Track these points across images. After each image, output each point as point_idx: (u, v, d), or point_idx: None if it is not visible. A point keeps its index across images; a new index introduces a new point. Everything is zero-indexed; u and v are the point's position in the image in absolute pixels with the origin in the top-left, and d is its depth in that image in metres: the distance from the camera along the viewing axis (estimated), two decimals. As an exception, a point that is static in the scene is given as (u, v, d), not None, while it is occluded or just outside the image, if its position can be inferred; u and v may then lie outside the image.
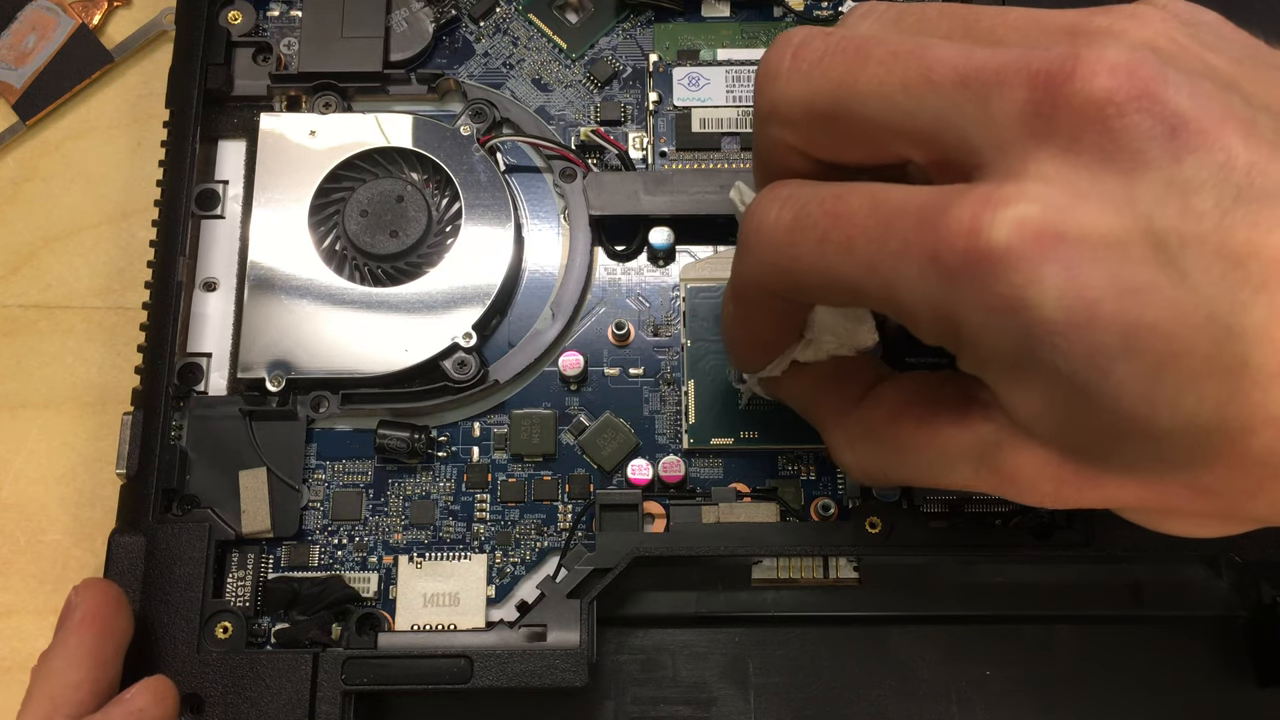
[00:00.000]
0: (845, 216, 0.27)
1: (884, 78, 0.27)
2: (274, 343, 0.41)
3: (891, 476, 0.33)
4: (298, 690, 0.37)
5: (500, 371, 0.42)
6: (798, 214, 0.28)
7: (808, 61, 0.28)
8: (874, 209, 0.27)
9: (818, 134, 0.29)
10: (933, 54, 0.27)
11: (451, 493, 0.41)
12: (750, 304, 0.32)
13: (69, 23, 0.50)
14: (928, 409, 0.31)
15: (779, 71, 0.29)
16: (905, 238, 0.26)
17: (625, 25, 0.47)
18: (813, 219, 0.28)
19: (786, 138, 0.30)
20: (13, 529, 0.44)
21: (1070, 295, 0.24)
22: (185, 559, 0.39)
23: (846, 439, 0.34)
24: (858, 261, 0.27)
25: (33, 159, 0.49)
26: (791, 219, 0.28)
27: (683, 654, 0.41)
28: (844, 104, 0.28)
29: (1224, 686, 0.41)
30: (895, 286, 0.26)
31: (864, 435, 0.33)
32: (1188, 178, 0.24)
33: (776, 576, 0.40)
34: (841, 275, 0.28)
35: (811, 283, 0.29)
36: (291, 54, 0.45)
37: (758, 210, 0.29)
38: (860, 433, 0.33)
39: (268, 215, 0.42)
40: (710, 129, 0.44)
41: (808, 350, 0.34)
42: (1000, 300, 0.25)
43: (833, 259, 0.27)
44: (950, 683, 0.41)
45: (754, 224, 0.29)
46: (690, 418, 0.41)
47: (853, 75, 0.28)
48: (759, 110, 0.30)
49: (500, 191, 0.43)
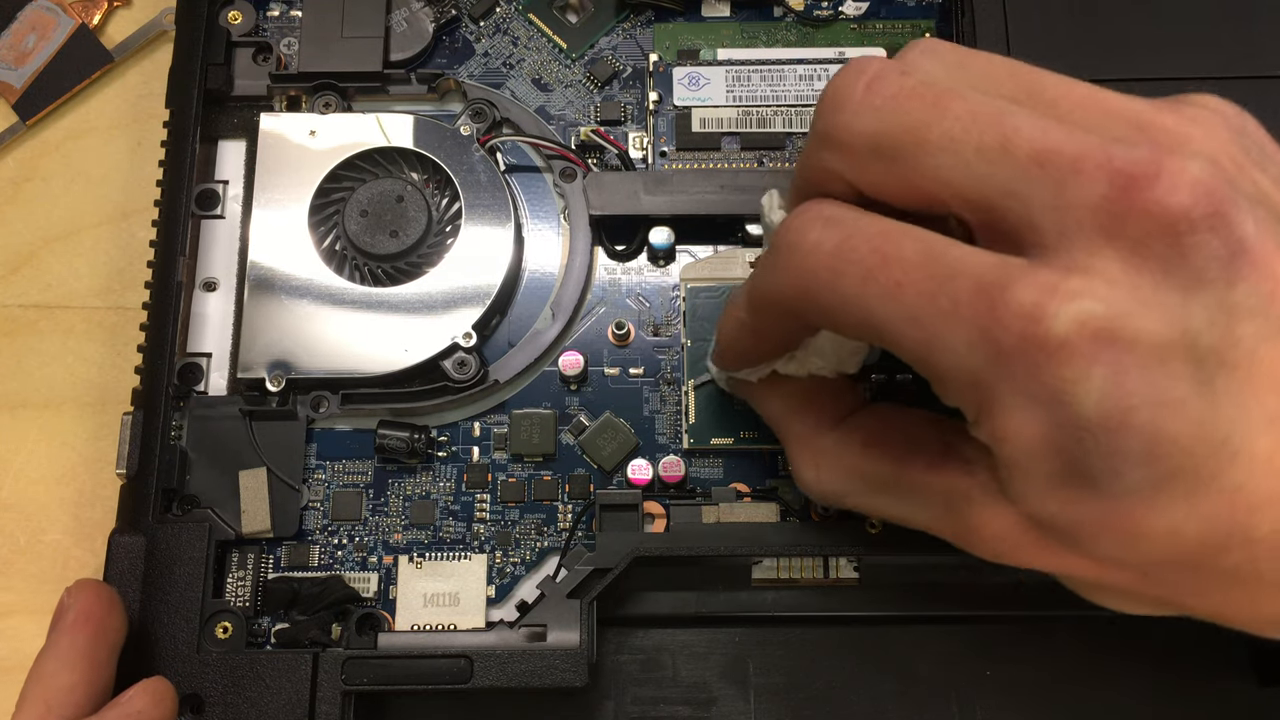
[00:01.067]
0: (896, 261, 0.27)
1: (959, 135, 0.27)
2: (274, 343, 0.41)
3: (848, 502, 0.33)
4: (298, 690, 0.37)
5: (500, 371, 0.42)
6: (841, 244, 0.28)
7: (881, 97, 0.28)
8: (928, 262, 0.27)
9: (874, 172, 0.28)
10: (1011, 123, 0.26)
11: (451, 493, 0.41)
12: (763, 316, 0.32)
13: (69, 23, 0.50)
14: (905, 448, 0.31)
15: (848, 100, 0.28)
16: (958, 301, 0.26)
17: (625, 25, 0.47)
18: (858, 253, 0.27)
19: (839, 166, 0.29)
20: (13, 529, 0.44)
21: (1111, 399, 0.25)
22: (185, 559, 0.39)
23: (812, 458, 0.34)
24: (901, 310, 0.27)
25: (33, 159, 0.49)
26: (835, 247, 0.28)
27: (683, 654, 0.41)
28: (911, 151, 0.27)
29: (1224, 686, 0.41)
30: (936, 347, 0.26)
31: (833, 460, 0.33)
32: (1237, 302, 0.25)
33: (776, 576, 0.40)
34: (879, 319, 0.27)
35: (842, 316, 0.28)
36: (291, 54, 0.45)
37: (798, 227, 0.29)
38: (830, 457, 0.33)
39: (268, 215, 0.42)
40: (710, 129, 0.44)
41: (791, 365, 0.34)
42: (1044, 390, 0.25)
43: (874, 300, 0.27)
44: (950, 683, 0.41)
45: (792, 241, 0.29)
46: (690, 418, 0.41)
47: (927, 125, 0.27)
48: (818, 133, 0.29)
49: (500, 191, 0.43)
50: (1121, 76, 0.28)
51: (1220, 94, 0.29)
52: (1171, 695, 0.40)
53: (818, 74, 0.44)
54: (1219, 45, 0.42)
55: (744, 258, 0.43)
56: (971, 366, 0.26)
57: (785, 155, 0.43)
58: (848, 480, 0.33)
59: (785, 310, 0.30)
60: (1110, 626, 0.41)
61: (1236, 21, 0.42)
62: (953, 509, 0.30)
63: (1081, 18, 0.42)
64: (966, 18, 0.43)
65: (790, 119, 0.44)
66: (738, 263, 0.43)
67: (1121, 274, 0.25)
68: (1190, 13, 0.42)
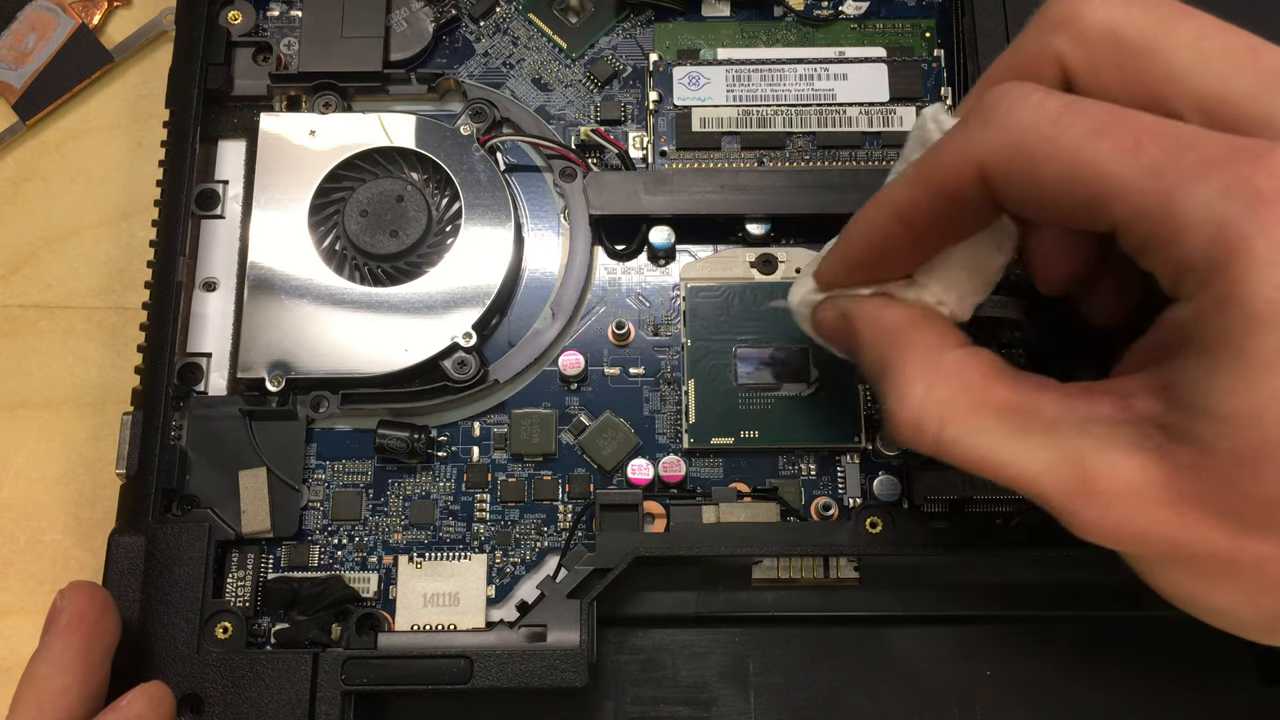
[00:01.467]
0: (1133, 121, 0.27)
1: (1206, 35, 0.28)
2: (274, 343, 0.41)
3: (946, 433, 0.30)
4: (298, 690, 0.37)
5: (500, 371, 0.42)
6: (1070, 104, 0.28)
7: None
8: (1169, 125, 0.27)
9: (1106, 61, 0.29)
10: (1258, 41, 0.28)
11: (451, 493, 0.41)
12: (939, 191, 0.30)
13: (69, 23, 0.50)
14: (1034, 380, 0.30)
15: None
16: (1212, 156, 0.26)
17: (625, 25, 0.47)
18: (1089, 114, 0.27)
19: (1069, 52, 0.30)
20: (13, 529, 0.44)
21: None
22: (185, 559, 0.39)
23: (927, 372, 0.31)
24: (1140, 162, 0.26)
25: (33, 159, 0.49)
26: (1062, 106, 0.28)
27: (683, 654, 0.41)
28: (1155, 43, 0.28)
29: (1226, 685, 0.41)
30: (1179, 195, 0.26)
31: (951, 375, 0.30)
32: None
33: (776, 576, 0.40)
34: (1108, 170, 0.27)
35: (1057, 171, 0.27)
36: (291, 54, 0.45)
37: (1015, 91, 0.28)
38: (948, 372, 0.30)
39: (268, 215, 0.42)
40: (710, 128, 0.44)
41: (908, 291, 0.33)
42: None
43: (1105, 151, 0.27)
44: (950, 683, 0.41)
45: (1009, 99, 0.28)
46: (690, 417, 0.41)
47: (1174, 23, 0.28)
48: (1052, 17, 0.30)
49: (500, 191, 0.43)
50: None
51: None
52: (1172, 695, 0.40)
53: (818, 74, 0.44)
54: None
55: (744, 258, 0.43)
56: (1224, 214, 0.25)
57: (785, 155, 0.43)
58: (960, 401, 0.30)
59: (976, 177, 0.29)
60: (1110, 626, 0.41)
61: (1238, 22, 0.42)
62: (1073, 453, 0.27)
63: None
64: (967, 18, 0.43)
65: (790, 119, 0.44)
66: (738, 262, 0.43)
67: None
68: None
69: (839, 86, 0.44)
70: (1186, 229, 0.26)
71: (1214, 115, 0.27)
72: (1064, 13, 0.30)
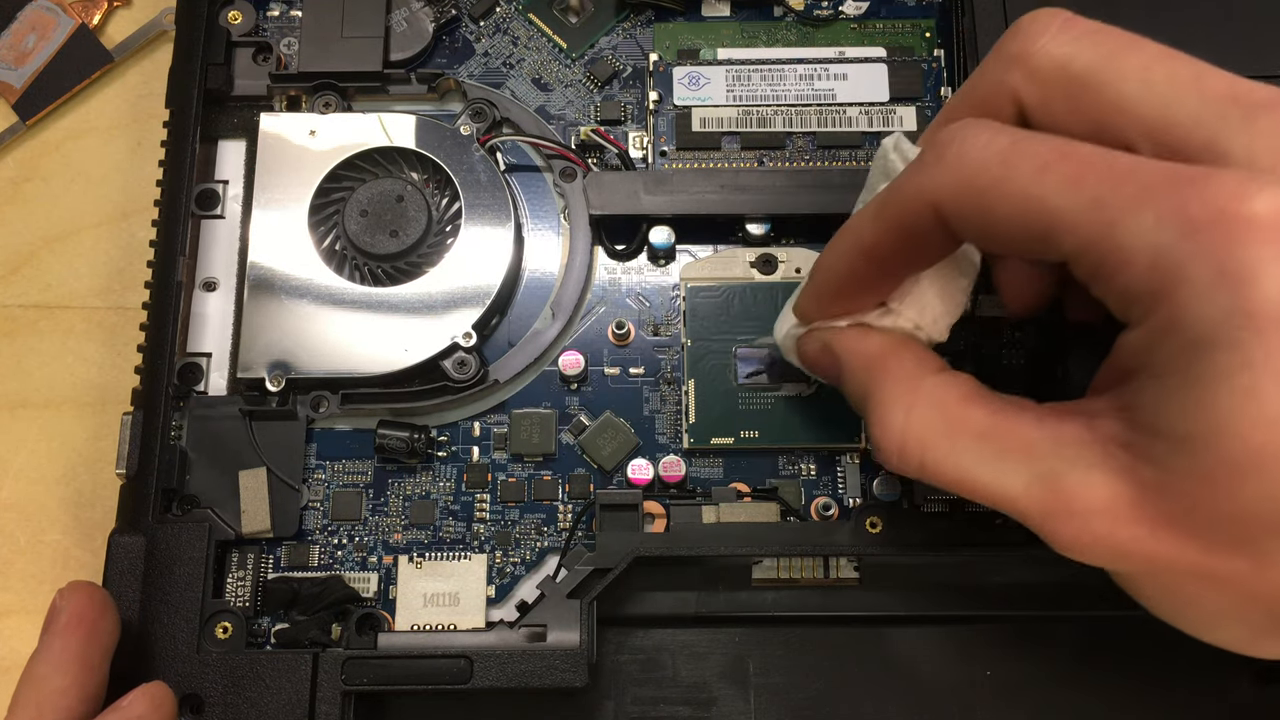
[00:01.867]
0: (1074, 157, 0.28)
1: (1151, 65, 0.29)
2: (274, 343, 0.41)
3: (928, 458, 0.31)
4: (298, 690, 0.37)
5: (500, 371, 0.42)
6: (1016, 143, 0.28)
7: (1080, 29, 0.30)
8: (1110, 158, 0.27)
9: (1057, 96, 0.30)
10: (1203, 66, 0.28)
11: (451, 493, 0.41)
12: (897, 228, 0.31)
13: (69, 23, 0.50)
14: (1009, 403, 0.30)
15: (1047, 28, 0.30)
16: (1150, 186, 0.26)
17: (625, 25, 0.47)
18: (1034, 151, 0.28)
19: (1022, 87, 0.31)
20: (13, 529, 0.44)
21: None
22: (185, 559, 0.39)
23: (907, 398, 0.32)
24: (1082, 197, 0.27)
25: (33, 159, 0.49)
26: (1009, 145, 0.28)
27: (683, 654, 0.41)
28: (1103, 76, 0.29)
29: (1224, 685, 0.41)
30: (1119, 227, 0.26)
31: (930, 401, 0.31)
32: None
33: (776, 576, 0.40)
34: (1053, 205, 0.27)
35: (1007, 208, 0.28)
36: (291, 54, 0.45)
37: (966, 130, 0.29)
38: (927, 397, 0.31)
39: (268, 215, 0.42)
40: (710, 128, 0.44)
41: (884, 319, 0.34)
42: (1236, 265, 0.25)
43: (1050, 187, 0.27)
44: (950, 683, 0.41)
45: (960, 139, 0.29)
46: (690, 417, 0.41)
47: (1123, 54, 0.29)
48: (1006, 54, 0.31)
49: (500, 191, 0.43)
50: (1122, 77, 0.29)
51: None
52: (1172, 695, 0.40)
53: (818, 74, 0.44)
54: (1221, 46, 0.42)
55: (744, 258, 0.43)
56: (1161, 243, 0.26)
57: (785, 155, 0.43)
58: (938, 427, 0.31)
59: (932, 214, 0.30)
60: (1110, 626, 0.41)
61: (1239, 22, 0.42)
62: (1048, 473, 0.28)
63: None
64: (967, 18, 0.43)
65: (790, 118, 0.44)
66: (738, 262, 0.43)
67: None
68: (1193, 13, 0.42)
69: (839, 86, 0.44)
70: (1128, 259, 0.26)
71: (1162, 143, 0.28)
72: (1017, 49, 0.31)
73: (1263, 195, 0.25)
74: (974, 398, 0.31)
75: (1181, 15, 0.43)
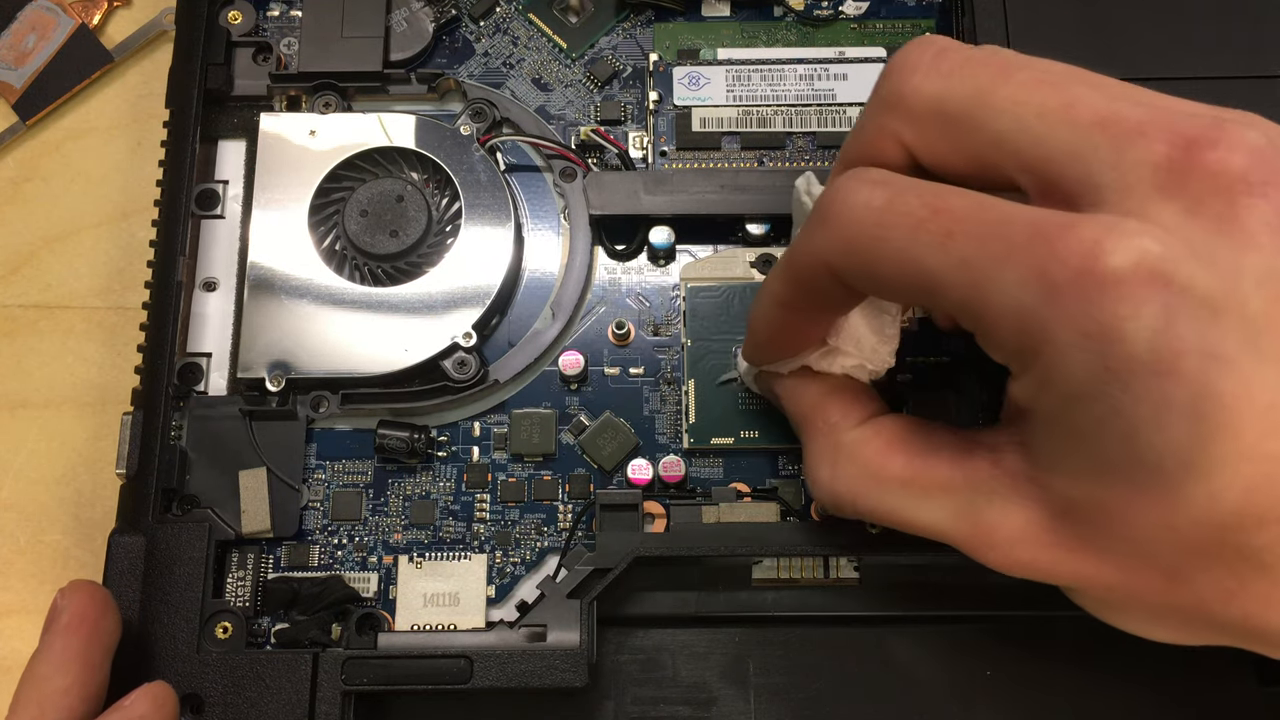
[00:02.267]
0: (945, 212, 0.27)
1: (1023, 98, 0.28)
2: (274, 343, 0.41)
3: (860, 505, 0.33)
4: (298, 690, 0.37)
5: (500, 371, 0.42)
6: (893, 199, 0.28)
7: (950, 64, 0.29)
8: (980, 211, 0.27)
9: (936, 136, 0.29)
10: (1075, 90, 0.27)
11: (451, 493, 0.41)
12: (801, 285, 0.32)
13: (69, 23, 0.50)
14: (927, 445, 0.31)
15: (918, 65, 0.29)
16: (1012, 243, 0.26)
17: (625, 25, 0.47)
18: (909, 206, 0.28)
19: (901, 131, 0.30)
20: (13, 529, 0.44)
21: (1162, 340, 0.24)
22: (185, 559, 0.39)
23: (830, 453, 0.34)
24: (951, 256, 0.27)
25: (33, 159, 0.49)
26: (885, 202, 0.28)
27: (683, 654, 0.41)
28: (975, 113, 0.28)
29: (1225, 687, 0.40)
30: (986, 287, 0.27)
31: (851, 455, 0.33)
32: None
33: (776, 576, 0.40)
34: (927, 266, 0.27)
35: (888, 269, 0.28)
36: (291, 54, 0.45)
37: (846, 189, 0.29)
38: (848, 452, 0.33)
39: (268, 215, 0.42)
40: (710, 128, 0.44)
41: (824, 360, 0.34)
42: (1097, 326, 0.25)
43: (924, 248, 0.27)
44: (950, 683, 0.41)
45: (840, 200, 0.29)
46: (690, 417, 0.41)
47: (993, 88, 0.28)
48: (882, 97, 0.30)
49: (500, 191, 0.43)
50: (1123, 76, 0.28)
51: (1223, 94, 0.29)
52: (1172, 695, 0.40)
53: (818, 74, 0.44)
54: (1222, 46, 0.42)
55: (744, 258, 0.43)
56: (1024, 304, 0.26)
57: (785, 155, 0.43)
58: (862, 478, 0.32)
59: (827, 272, 0.30)
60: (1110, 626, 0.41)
61: (1240, 22, 0.42)
62: (968, 508, 0.30)
63: (1083, 18, 0.42)
64: (967, 17, 0.43)
65: (790, 119, 0.44)
66: (738, 262, 0.43)
67: (1178, 226, 0.25)
68: (1193, 13, 0.42)
69: (839, 86, 0.44)
70: (996, 319, 0.27)
71: (1041, 178, 0.28)
72: (891, 92, 0.30)
73: (1119, 248, 0.25)
74: (894, 445, 0.32)
75: (1181, 15, 0.43)
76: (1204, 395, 0.24)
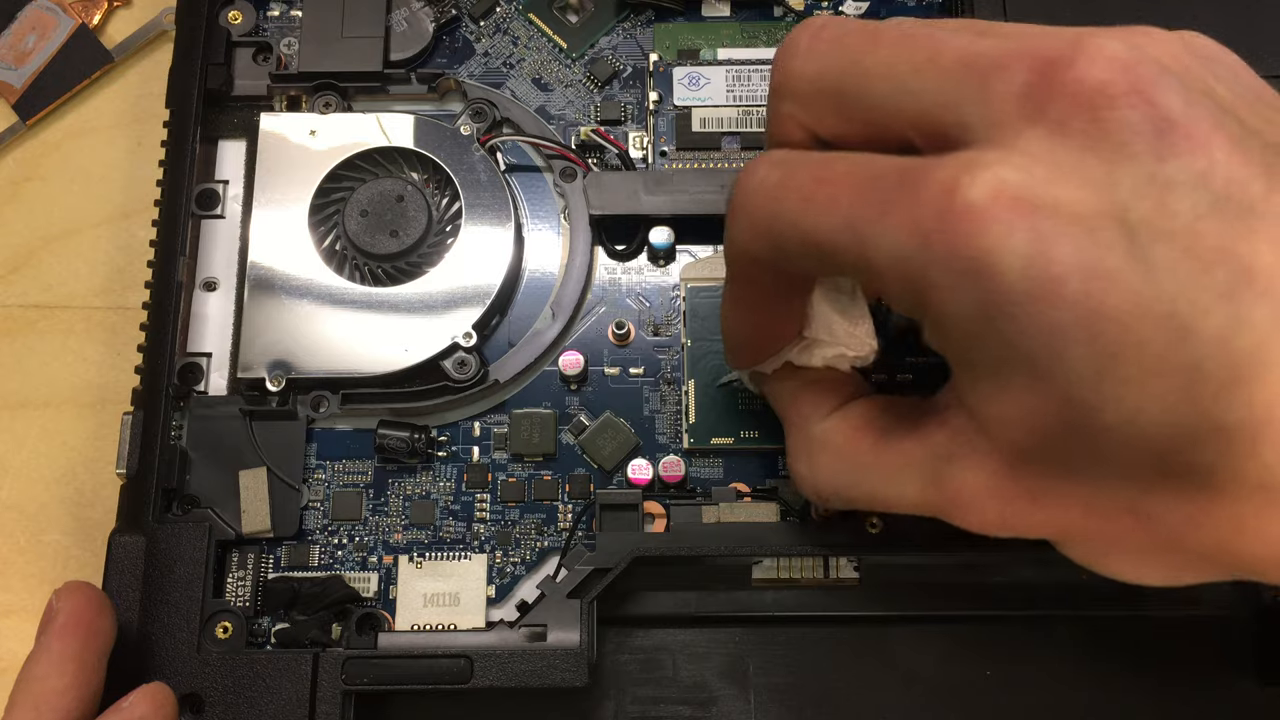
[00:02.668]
0: (828, 180, 0.28)
1: (892, 59, 0.28)
2: (274, 343, 0.41)
3: (843, 494, 0.33)
4: (298, 690, 0.37)
5: (500, 371, 0.42)
6: (785, 176, 0.29)
7: (824, 41, 0.29)
8: (858, 171, 0.27)
9: (824, 111, 0.30)
10: (939, 38, 0.27)
11: (451, 492, 0.41)
12: (740, 280, 0.32)
13: (69, 23, 0.50)
14: (890, 424, 0.31)
15: (797, 49, 0.30)
16: (885, 196, 0.26)
17: (625, 25, 0.47)
18: (798, 180, 0.28)
19: (795, 113, 0.30)
20: (13, 529, 0.44)
21: (1036, 267, 0.24)
22: (185, 559, 0.39)
23: (805, 447, 0.34)
24: (837, 219, 0.27)
25: (33, 159, 0.49)
26: (778, 180, 0.29)
27: (683, 654, 0.41)
28: (851, 82, 0.29)
29: (1225, 687, 0.41)
30: (869, 245, 0.27)
31: (822, 446, 0.33)
32: (1169, 177, 0.24)
33: (776, 576, 0.40)
34: (820, 234, 0.28)
35: (791, 243, 0.29)
36: (291, 54, 0.45)
37: (746, 173, 0.30)
38: (819, 444, 0.33)
39: (268, 215, 0.42)
40: (710, 128, 0.44)
41: (804, 354, 0.34)
42: (967, 262, 0.25)
43: (814, 217, 0.28)
44: (950, 683, 0.41)
45: (741, 186, 0.30)
46: (690, 417, 0.41)
47: (863, 55, 0.29)
48: (773, 84, 0.31)
49: (500, 191, 0.43)
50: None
51: None
52: (1172, 695, 0.40)
53: (818, 74, 0.44)
54: (1220, 45, 0.42)
55: (744, 257, 0.43)
56: (903, 254, 0.26)
57: (785, 155, 0.43)
58: (837, 467, 0.32)
59: (749, 259, 0.31)
60: (1110, 626, 0.41)
61: (1240, 21, 0.42)
62: (934, 476, 0.29)
63: (1083, 17, 0.42)
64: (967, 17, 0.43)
65: (790, 119, 0.44)
66: (738, 262, 0.43)
67: (1043, 150, 0.25)
68: (1192, 12, 0.42)
69: (839, 86, 0.44)
70: (886, 276, 0.27)
71: (926, 132, 0.28)
72: (778, 78, 0.31)
73: (975, 181, 0.25)
74: (861, 429, 0.32)
75: (1181, 15, 0.43)
76: (1094, 314, 0.24)
